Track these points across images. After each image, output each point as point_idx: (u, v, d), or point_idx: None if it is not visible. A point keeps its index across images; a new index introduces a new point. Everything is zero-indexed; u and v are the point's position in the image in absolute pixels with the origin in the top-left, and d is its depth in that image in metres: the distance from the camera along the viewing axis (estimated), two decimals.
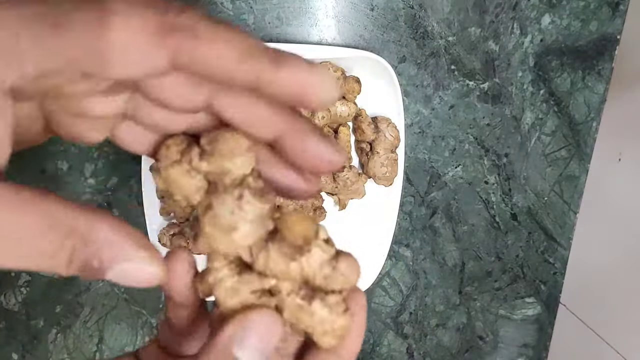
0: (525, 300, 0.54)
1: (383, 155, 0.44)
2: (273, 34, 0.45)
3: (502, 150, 0.50)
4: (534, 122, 0.50)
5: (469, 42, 0.47)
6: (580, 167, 0.51)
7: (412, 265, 0.52)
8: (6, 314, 0.47)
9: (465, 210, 0.51)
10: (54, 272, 0.13)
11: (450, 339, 0.55)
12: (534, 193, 0.52)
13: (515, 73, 0.49)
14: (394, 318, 0.53)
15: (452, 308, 0.54)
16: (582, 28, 0.48)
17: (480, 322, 0.55)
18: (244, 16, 0.44)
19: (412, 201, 0.50)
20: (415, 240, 0.51)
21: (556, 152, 0.51)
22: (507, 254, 0.53)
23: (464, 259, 0.53)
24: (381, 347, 0.54)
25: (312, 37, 0.46)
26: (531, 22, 0.48)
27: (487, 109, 0.49)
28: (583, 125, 0.50)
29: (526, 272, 0.54)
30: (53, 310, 0.48)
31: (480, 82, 0.48)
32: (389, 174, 0.44)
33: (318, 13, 0.45)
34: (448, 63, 0.48)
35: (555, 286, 0.54)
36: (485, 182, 0.51)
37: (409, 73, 0.47)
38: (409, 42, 0.47)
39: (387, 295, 0.52)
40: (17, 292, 0.47)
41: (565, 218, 0.53)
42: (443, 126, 0.49)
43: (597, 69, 0.49)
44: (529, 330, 0.55)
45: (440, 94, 0.48)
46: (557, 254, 0.54)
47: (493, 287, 0.54)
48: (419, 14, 0.46)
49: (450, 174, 0.50)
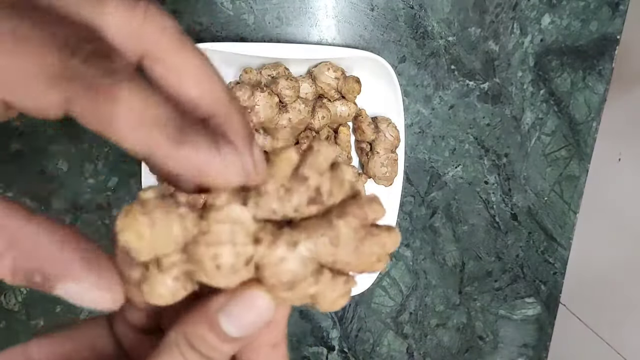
0: (525, 300, 0.54)
1: (383, 155, 0.44)
2: (273, 34, 0.45)
3: (502, 150, 0.50)
4: (534, 122, 0.50)
5: (469, 42, 0.47)
6: (580, 167, 0.51)
7: (412, 265, 0.52)
8: (6, 314, 0.47)
9: (465, 210, 0.51)
10: None
11: (450, 339, 0.55)
12: (534, 193, 0.52)
13: (515, 73, 0.49)
14: (394, 318, 0.53)
15: (452, 308, 0.54)
16: (582, 28, 0.48)
17: (480, 322, 0.55)
18: (244, 16, 0.44)
19: (412, 201, 0.50)
20: (415, 240, 0.51)
21: (556, 152, 0.51)
22: (507, 254, 0.53)
23: (464, 259, 0.53)
24: (381, 347, 0.54)
25: (312, 37, 0.46)
26: (531, 22, 0.48)
27: (487, 109, 0.49)
28: (583, 125, 0.50)
29: (526, 272, 0.54)
30: (53, 310, 0.48)
31: (480, 82, 0.48)
32: (389, 174, 0.44)
33: (318, 13, 0.45)
34: (448, 63, 0.48)
35: (555, 286, 0.54)
36: (485, 182, 0.51)
37: (409, 73, 0.47)
38: (409, 42, 0.47)
39: (387, 295, 0.52)
40: (17, 292, 0.47)
41: (565, 218, 0.53)
42: (443, 126, 0.49)
43: (597, 69, 0.49)
44: (529, 330, 0.55)
45: (440, 94, 0.48)
46: (557, 254, 0.54)
47: (493, 287, 0.54)
48: (419, 14, 0.46)
49: (450, 174, 0.50)
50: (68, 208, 0.46)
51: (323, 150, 0.15)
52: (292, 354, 0.53)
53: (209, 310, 0.15)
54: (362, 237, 0.15)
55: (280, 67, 0.42)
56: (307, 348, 0.53)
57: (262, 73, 0.42)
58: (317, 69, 0.43)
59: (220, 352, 0.15)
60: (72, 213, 0.46)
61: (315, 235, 0.15)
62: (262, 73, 0.42)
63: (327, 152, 0.15)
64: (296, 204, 0.15)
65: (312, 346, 0.53)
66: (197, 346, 0.15)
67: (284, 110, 0.41)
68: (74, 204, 0.46)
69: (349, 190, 0.16)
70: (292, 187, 0.15)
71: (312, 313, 0.52)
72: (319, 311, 0.15)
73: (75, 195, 0.46)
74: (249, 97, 0.39)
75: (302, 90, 0.42)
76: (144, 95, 0.12)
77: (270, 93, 0.40)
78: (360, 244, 0.15)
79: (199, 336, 0.15)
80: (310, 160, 0.15)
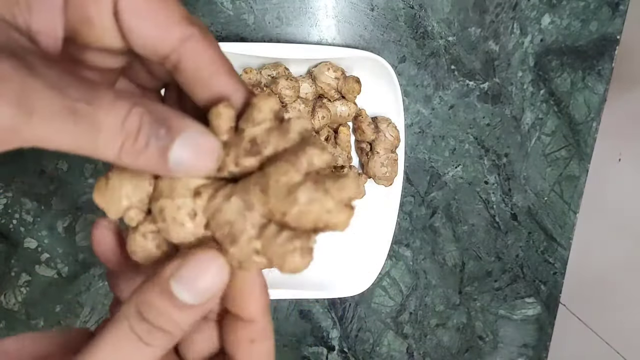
0: (525, 300, 0.54)
1: (383, 155, 0.44)
2: (273, 34, 0.45)
3: (502, 150, 0.50)
4: (534, 122, 0.50)
5: (469, 42, 0.47)
6: (580, 167, 0.51)
7: (412, 265, 0.52)
8: (6, 314, 0.47)
9: (465, 210, 0.51)
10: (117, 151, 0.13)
11: (450, 339, 0.55)
12: (534, 193, 0.52)
13: (515, 73, 0.49)
14: (394, 318, 0.53)
15: (452, 308, 0.54)
16: (582, 28, 0.48)
17: (480, 322, 0.55)
18: (244, 16, 0.44)
19: (412, 201, 0.50)
20: (415, 240, 0.51)
21: (556, 152, 0.51)
22: (507, 254, 0.53)
23: (464, 259, 0.53)
24: (381, 347, 0.54)
25: (312, 37, 0.46)
26: (531, 22, 0.48)
27: (487, 109, 0.49)
28: (583, 125, 0.50)
29: (526, 272, 0.54)
30: (53, 310, 0.48)
31: (480, 82, 0.48)
32: (389, 174, 0.44)
33: (318, 13, 0.45)
34: (448, 63, 0.48)
35: (555, 286, 0.54)
36: (485, 182, 0.51)
37: (409, 73, 0.47)
38: (409, 42, 0.47)
39: (387, 295, 0.52)
40: (17, 292, 0.47)
41: (565, 218, 0.53)
42: (443, 126, 0.49)
43: (597, 69, 0.49)
44: (529, 330, 0.55)
45: (440, 94, 0.48)
46: (557, 254, 0.54)
47: (493, 287, 0.54)
48: (419, 14, 0.46)
49: (450, 174, 0.50)
50: (68, 208, 0.46)
51: (258, 103, 0.15)
52: (292, 354, 0.53)
53: (161, 276, 0.14)
54: (296, 184, 0.14)
55: (280, 67, 0.42)
56: (307, 348, 0.53)
57: (262, 73, 0.42)
58: (317, 69, 0.43)
59: (173, 322, 0.14)
60: (72, 213, 0.46)
61: (248, 185, 0.15)
62: (262, 73, 0.42)
63: (264, 103, 0.15)
64: (234, 157, 0.15)
65: (312, 346, 0.53)
66: (146, 315, 0.14)
67: (284, 110, 0.41)
68: (74, 204, 0.46)
69: (299, 141, 0.15)
70: (229, 141, 0.15)
71: (312, 313, 0.52)
72: (282, 273, 0.15)
73: (75, 195, 0.46)
74: None
75: (302, 90, 0.42)
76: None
77: (270, 93, 0.40)
78: (295, 191, 0.14)
79: (148, 304, 0.14)
80: (246, 115, 0.15)
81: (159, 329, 0.14)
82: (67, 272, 0.48)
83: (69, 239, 0.47)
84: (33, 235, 0.46)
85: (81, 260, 0.48)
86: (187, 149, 0.14)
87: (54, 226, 0.47)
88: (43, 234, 0.47)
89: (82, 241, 0.47)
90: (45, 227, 0.46)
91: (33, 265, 0.47)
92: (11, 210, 0.46)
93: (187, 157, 0.14)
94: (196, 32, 0.15)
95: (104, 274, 0.49)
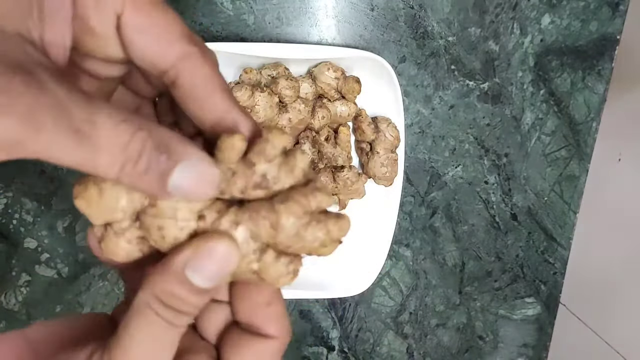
0: (525, 300, 0.54)
1: (383, 155, 0.44)
2: (273, 34, 0.45)
3: (502, 150, 0.50)
4: (534, 122, 0.50)
5: (469, 42, 0.47)
6: (580, 167, 0.51)
7: (412, 265, 0.52)
8: (6, 314, 0.47)
9: (465, 210, 0.51)
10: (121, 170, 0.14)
11: (450, 339, 0.55)
12: (534, 193, 0.52)
13: (515, 73, 0.49)
14: (394, 318, 0.53)
15: (452, 308, 0.54)
16: (582, 28, 0.48)
17: (480, 322, 0.55)
18: (244, 16, 0.45)
19: (412, 201, 0.50)
20: (415, 240, 0.51)
21: (556, 152, 0.51)
22: (507, 254, 0.53)
23: (464, 259, 0.53)
24: (381, 347, 0.54)
25: (312, 37, 0.46)
26: (531, 22, 0.48)
27: (487, 109, 0.49)
28: (583, 125, 0.50)
29: (526, 272, 0.54)
30: (53, 310, 0.48)
31: (480, 82, 0.48)
32: (389, 174, 0.44)
33: (318, 13, 0.45)
34: (448, 63, 0.48)
35: (555, 286, 0.54)
36: (485, 182, 0.51)
37: (409, 73, 0.47)
38: (409, 42, 0.47)
39: (387, 295, 0.52)
40: (17, 292, 0.47)
41: (565, 218, 0.53)
42: (443, 126, 0.49)
43: (597, 69, 0.49)
44: (529, 330, 0.55)
45: (440, 94, 0.48)
46: (557, 254, 0.54)
47: (493, 287, 0.54)
48: (419, 14, 0.46)
49: (450, 174, 0.50)
50: (68, 208, 0.46)
51: (272, 139, 0.16)
52: (292, 354, 0.53)
53: (175, 267, 0.15)
54: (305, 223, 0.16)
55: (280, 67, 0.42)
56: (307, 348, 0.53)
57: (262, 73, 0.42)
58: (317, 69, 0.43)
59: (191, 304, 0.16)
60: (72, 213, 0.46)
61: (257, 217, 0.16)
62: (262, 73, 0.42)
63: (278, 141, 0.16)
64: (241, 187, 0.16)
65: (312, 346, 0.53)
66: (169, 303, 0.15)
67: (284, 111, 0.41)
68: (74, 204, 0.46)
69: (301, 178, 0.17)
70: (238, 170, 0.16)
71: (312, 313, 0.52)
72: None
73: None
74: (249, 97, 0.39)
75: (302, 90, 0.42)
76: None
77: (270, 93, 0.40)
78: (302, 230, 0.16)
79: (169, 293, 0.15)
80: (258, 148, 0.16)
81: (182, 312, 0.16)
82: (67, 272, 0.48)
83: (69, 239, 0.47)
84: (33, 235, 0.46)
85: (81, 260, 0.48)
86: (187, 177, 0.15)
87: (54, 226, 0.47)
88: (43, 234, 0.47)
89: (82, 241, 0.47)
90: (45, 227, 0.47)
91: (33, 265, 0.47)
92: (11, 211, 0.46)
93: (186, 184, 0.15)
94: (196, 51, 0.16)
95: (104, 274, 0.49)
